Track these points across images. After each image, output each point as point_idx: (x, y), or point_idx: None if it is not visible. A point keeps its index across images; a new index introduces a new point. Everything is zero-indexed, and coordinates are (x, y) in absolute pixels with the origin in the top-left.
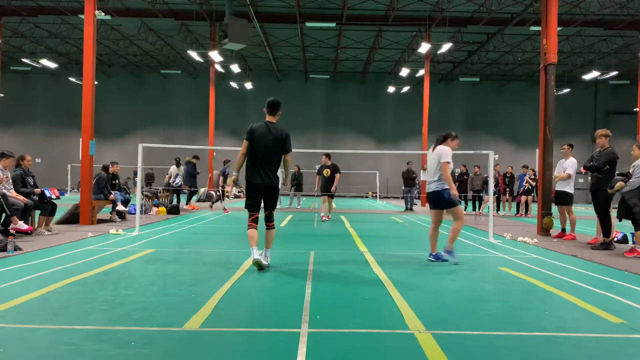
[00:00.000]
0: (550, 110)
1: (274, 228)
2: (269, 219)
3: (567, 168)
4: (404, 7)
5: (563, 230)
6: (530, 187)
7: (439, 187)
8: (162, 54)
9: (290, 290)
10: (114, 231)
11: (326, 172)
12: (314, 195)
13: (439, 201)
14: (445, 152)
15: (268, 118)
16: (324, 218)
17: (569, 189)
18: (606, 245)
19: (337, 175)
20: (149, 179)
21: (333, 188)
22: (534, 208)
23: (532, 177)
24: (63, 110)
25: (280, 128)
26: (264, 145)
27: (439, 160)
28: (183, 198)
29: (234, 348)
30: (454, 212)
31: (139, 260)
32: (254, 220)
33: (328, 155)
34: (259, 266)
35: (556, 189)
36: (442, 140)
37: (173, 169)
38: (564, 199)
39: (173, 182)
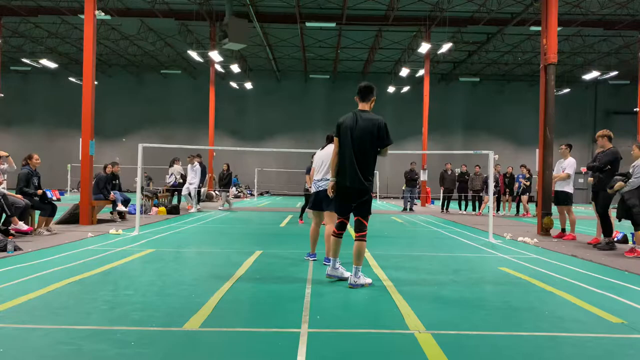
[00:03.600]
0: (550, 110)
1: (362, 240)
2: (356, 229)
3: (566, 168)
4: (404, 7)
5: (563, 230)
6: (524, 186)
7: (320, 186)
8: (162, 54)
9: (290, 290)
10: (114, 231)
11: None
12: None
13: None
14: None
15: (360, 106)
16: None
17: (569, 188)
18: (611, 245)
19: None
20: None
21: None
22: (533, 208)
23: (528, 176)
24: (63, 110)
25: (372, 117)
26: (351, 139)
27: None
28: (184, 198)
29: (234, 348)
30: (333, 215)
31: (139, 260)
32: (339, 227)
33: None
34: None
35: (556, 188)
36: (331, 139)
37: (172, 169)
38: (564, 199)
39: (169, 183)
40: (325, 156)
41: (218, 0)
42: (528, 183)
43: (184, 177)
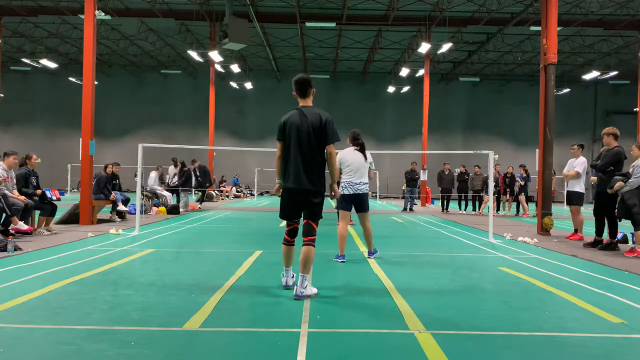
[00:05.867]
0: (550, 110)
1: (310, 245)
2: (305, 232)
3: (576, 166)
4: (404, 7)
5: (576, 230)
6: (520, 185)
7: (367, 189)
8: (162, 54)
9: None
10: (114, 231)
11: None
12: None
13: (365, 203)
14: (372, 159)
15: (301, 103)
16: None
17: (580, 188)
18: (613, 246)
19: None
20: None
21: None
22: (532, 207)
23: (525, 175)
24: (63, 110)
25: (319, 111)
26: (296, 138)
27: (370, 165)
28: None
29: (234, 348)
30: (367, 216)
31: (139, 260)
32: (290, 233)
33: None
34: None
35: (567, 189)
36: (362, 143)
37: (171, 169)
38: (576, 199)
39: (171, 182)
40: (353, 159)
41: (218, 0)
42: (523, 183)
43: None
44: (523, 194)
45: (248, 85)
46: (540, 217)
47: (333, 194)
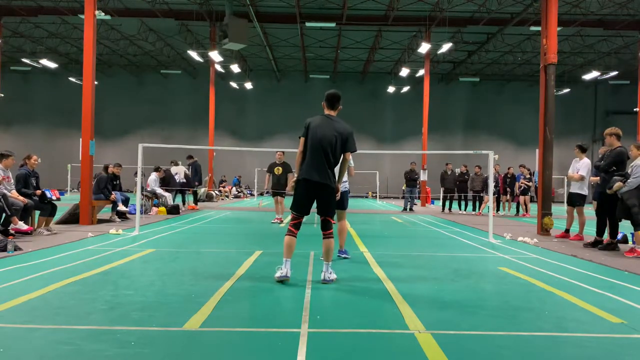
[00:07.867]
0: (550, 110)
1: (329, 237)
2: (323, 227)
3: (580, 169)
4: (404, 7)
5: (567, 230)
6: (526, 186)
7: (346, 187)
8: (162, 54)
9: (290, 291)
10: (114, 231)
11: (277, 170)
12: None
13: (343, 200)
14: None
15: (327, 112)
16: (275, 221)
17: (583, 191)
18: (613, 246)
19: (289, 175)
20: None
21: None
22: (533, 208)
23: (528, 176)
24: (63, 110)
25: (342, 123)
26: (320, 137)
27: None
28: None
29: (234, 348)
30: (344, 214)
31: (139, 260)
32: (295, 226)
33: (283, 153)
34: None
35: (571, 190)
36: None
37: (177, 168)
38: (578, 201)
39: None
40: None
41: (218, 0)
42: (530, 184)
43: (187, 176)
44: (529, 193)
45: (248, 85)
46: (540, 217)
47: (336, 192)
